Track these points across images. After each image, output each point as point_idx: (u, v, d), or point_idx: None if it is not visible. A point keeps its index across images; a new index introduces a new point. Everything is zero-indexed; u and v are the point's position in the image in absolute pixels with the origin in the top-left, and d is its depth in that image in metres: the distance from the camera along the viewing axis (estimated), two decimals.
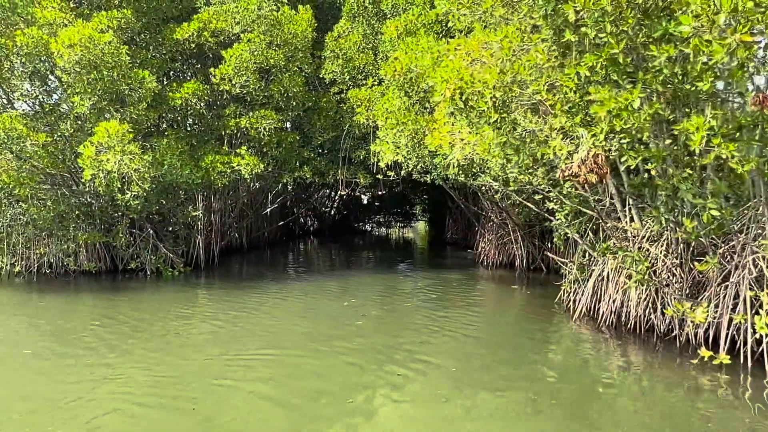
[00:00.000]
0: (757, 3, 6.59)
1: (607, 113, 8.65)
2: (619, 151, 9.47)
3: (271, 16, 20.37)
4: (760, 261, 9.23)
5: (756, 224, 9.46)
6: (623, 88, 8.71)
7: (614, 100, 8.52)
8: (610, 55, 8.65)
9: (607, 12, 8.51)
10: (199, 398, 8.19)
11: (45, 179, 19.32)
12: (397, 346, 11.41)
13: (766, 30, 6.81)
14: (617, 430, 7.20)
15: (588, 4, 8.62)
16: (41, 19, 18.19)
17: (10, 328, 13.13)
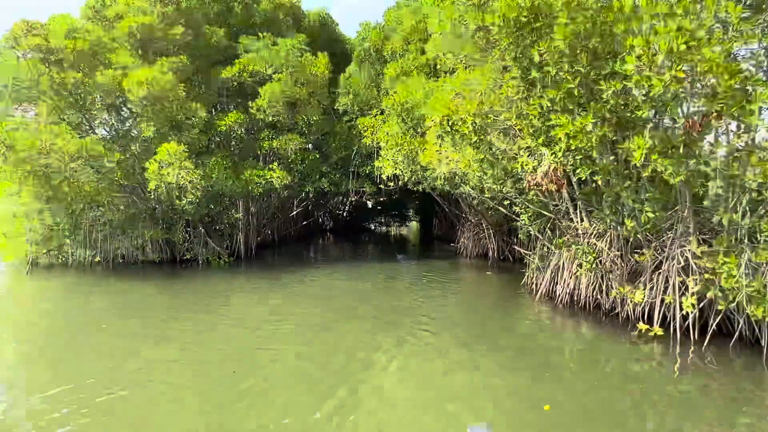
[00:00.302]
0: (688, 46, 6.35)
1: (565, 135, 8.44)
2: (573, 166, 9.26)
3: (296, 60, 20.27)
4: (687, 253, 8.99)
5: (682, 224, 9.21)
6: (578, 116, 8.49)
7: (571, 125, 8.31)
8: (568, 90, 8.44)
9: (565, 54, 8.28)
10: (241, 356, 8.60)
11: (119, 189, 19.10)
12: (397, 316, 11.60)
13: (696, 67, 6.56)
14: (570, 383, 7.45)
15: (550, 48, 8.40)
16: (116, 63, 17.98)
17: (93, 303, 13.25)
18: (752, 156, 7.38)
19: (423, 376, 7.97)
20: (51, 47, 17.87)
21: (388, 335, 10.20)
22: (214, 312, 12.24)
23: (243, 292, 14.96)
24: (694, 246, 8.32)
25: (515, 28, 9.08)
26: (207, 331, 10.47)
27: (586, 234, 11.70)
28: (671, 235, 9.86)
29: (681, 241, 9.21)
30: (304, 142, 21.20)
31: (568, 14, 7.92)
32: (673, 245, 9.42)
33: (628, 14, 7.21)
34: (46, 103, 17.62)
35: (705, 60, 6.40)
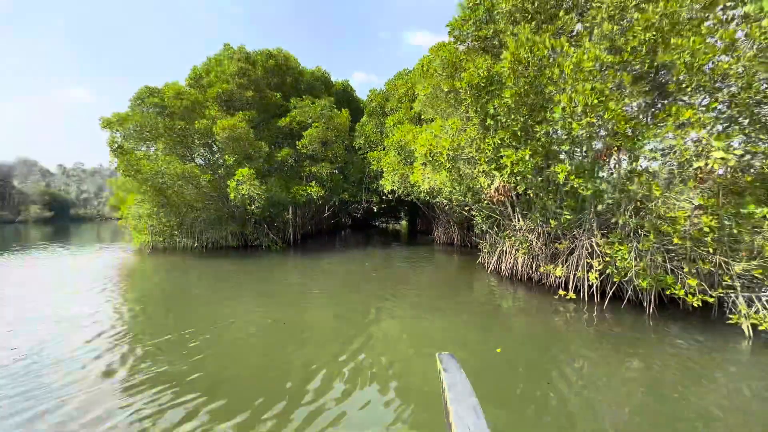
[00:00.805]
0: (599, 101, 5.98)
1: (510, 163, 8.05)
2: (514, 183, 8.87)
3: (327, 114, 19.88)
4: (593, 243, 8.62)
5: (587, 223, 8.85)
6: (519, 149, 8.11)
7: (514, 156, 7.92)
8: (512, 132, 8.06)
9: (511, 107, 7.91)
10: (290, 314, 8.24)
11: (210, 198, 18.72)
12: (391, 285, 11.11)
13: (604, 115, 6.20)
14: (510, 331, 7.17)
15: (500, 104, 8.04)
16: (208, 115, 17.63)
17: (192, 274, 12.89)
18: (640, 177, 7.03)
19: (409, 320, 7.83)
20: (164, 104, 17.56)
21: (387, 293, 10.02)
22: (272, 280, 12.01)
23: (292, 267, 14.56)
24: (597, 238, 7.96)
25: (476, 90, 8.75)
26: (267, 294, 10.22)
27: (521, 230, 11.34)
28: (580, 231, 9.53)
29: (588, 234, 8.85)
30: (332, 168, 20.80)
31: (513, 80, 7.57)
32: (582, 238, 9.06)
33: (556, 79, 6.86)
34: (162, 141, 17.26)
35: (610, 110, 6.06)
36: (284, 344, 6.47)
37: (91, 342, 6.42)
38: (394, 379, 5.30)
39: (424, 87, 11.64)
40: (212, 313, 8.14)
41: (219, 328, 7.09)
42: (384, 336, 6.97)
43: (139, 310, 8.37)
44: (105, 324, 7.34)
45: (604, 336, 6.88)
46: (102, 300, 9.19)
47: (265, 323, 7.58)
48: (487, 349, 6.28)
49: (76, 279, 11.77)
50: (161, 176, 16.17)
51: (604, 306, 8.31)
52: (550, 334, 6.95)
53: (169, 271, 13.64)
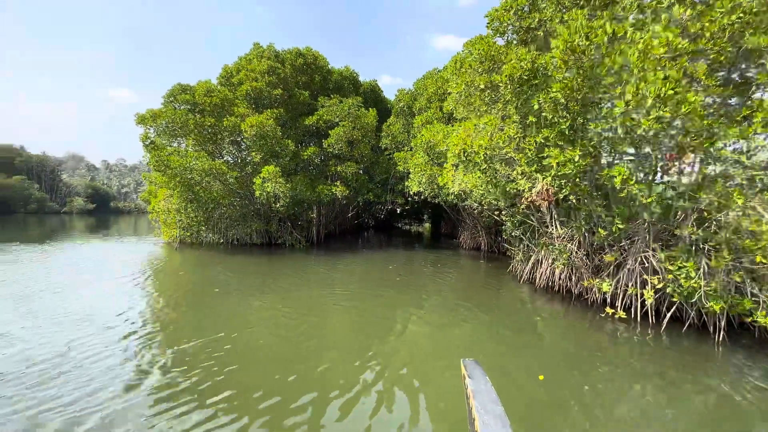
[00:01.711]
0: (674, 92, 5.01)
1: (556, 164, 7.11)
2: (558, 187, 7.91)
3: (354, 113, 19.33)
4: (650, 257, 7.53)
5: (642, 234, 7.76)
6: (566, 149, 7.17)
7: (561, 156, 6.98)
8: (559, 130, 7.11)
9: (558, 103, 6.98)
10: (312, 307, 8.31)
11: (237, 195, 18.58)
12: (415, 290, 10.39)
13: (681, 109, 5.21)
14: (550, 352, 6.20)
15: (547, 100, 7.12)
16: (237, 113, 17.47)
17: (218, 269, 12.63)
18: (716, 184, 5.96)
19: (435, 331, 7.14)
20: (196, 101, 17.54)
21: (412, 299, 9.34)
22: (295, 277, 11.68)
23: (315, 265, 14.07)
24: (659, 252, 6.88)
25: (517, 84, 7.86)
26: (291, 289, 9.91)
27: (559, 238, 10.30)
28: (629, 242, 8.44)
29: (642, 247, 7.76)
30: (358, 168, 20.24)
31: (563, 72, 6.66)
32: (634, 250, 7.97)
33: (617, 70, 5.90)
34: (192, 137, 17.24)
35: (687, 103, 5.06)
36: (308, 352, 5.95)
37: (122, 342, 6.11)
38: (418, 394, 4.76)
39: (457, 84, 10.81)
40: (238, 314, 7.80)
41: (244, 334, 6.66)
42: (408, 348, 6.32)
43: (168, 309, 8.10)
44: (137, 323, 7.04)
45: (664, 364, 5.87)
46: (135, 295, 8.99)
47: (289, 326, 7.17)
48: (524, 371, 5.42)
49: (111, 272, 11.73)
50: (189, 172, 16.10)
51: (661, 328, 7.22)
52: (598, 358, 5.99)
53: (196, 267, 13.44)
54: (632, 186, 6.20)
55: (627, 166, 6.35)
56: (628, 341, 6.86)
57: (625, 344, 6.73)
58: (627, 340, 6.90)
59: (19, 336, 6.19)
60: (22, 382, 4.72)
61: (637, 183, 6.16)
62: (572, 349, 6.37)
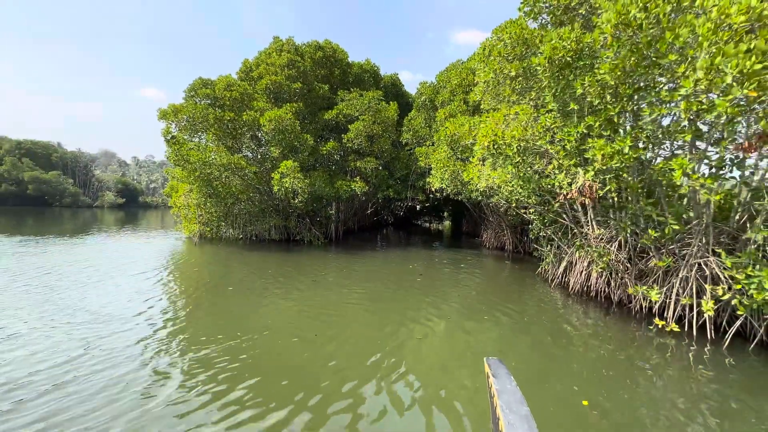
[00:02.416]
0: (764, 66, 4.13)
1: (602, 156, 6.27)
2: (603, 183, 7.04)
3: (375, 107, 18.72)
4: (711, 263, 6.58)
5: (700, 236, 6.80)
6: (615, 140, 6.32)
7: (609, 147, 6.13)
8: (607, 117, 6.26)
9: (608, 85, 6.13)
10: (332, 308, 7.95)
11: (256, 191, 18.37)
12: (437, 293, 9.70)
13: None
14: (592, 368, 5.41)
15: (592, 83, 6.28)
16: (256, 107, 17.19)
17: (236, 269, 12.20)
18: None
19: (459, 339, 6.49)
20: (216, 96, 17.39)
21: (433, 302, 8.67)
22: (314, 275, 11.28)
23: (333, 263, 13.62)
24: (725, 258, 5.93)
25: (558, 68, 7.02)
26: (309, 288, 9.55)
27: (597, 239, 9.38)
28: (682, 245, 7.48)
29: (700, 251, 6.80)
30: (378, 163, 19.63)
31: (615, 50, 5.81)
32: (691, 254, 7.01)
33: (681, 45, 5.02)
34: (211, 132, 17.11)
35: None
36: (329, 357, 5.52)
37: (138, 345, 5.78)
38: (444, 405, 4.30)
39: (485, 72, 10.00)
40: (255, 315, 7.43)
41: (263, 338, 6.24)
42: (433, 354, 5.76)
43: (185, 308, 7.80)
44: (154, 323, 6.72)
45: (730, 387, 5.00)
46: (153, 294, 8.70)
47: (308, 328, 6.77)
48: (562, 387, 4.70)
49: (132, 268, 11.58)
50: (208, 166, 15.94)
51: (723, 345, 6.28)
52: (648, 377, 5.19)
53: (215, 263, 13.23)
54: (695, 181, 5.32)
55: (689, 159, 5.45)
56: (682, 358, 5.98)
57: (678, 362, 5.86)
58: (681, 357, 6.02)
59: (32, 337, 5.95)
60: (35, 390, 4.39)
61: (703, 177, 5.27)
62: (616, 364, 5.58)
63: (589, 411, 4.31)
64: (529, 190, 8.59)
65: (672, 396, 4.72)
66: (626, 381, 5.11)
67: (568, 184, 7.30)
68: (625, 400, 4.58)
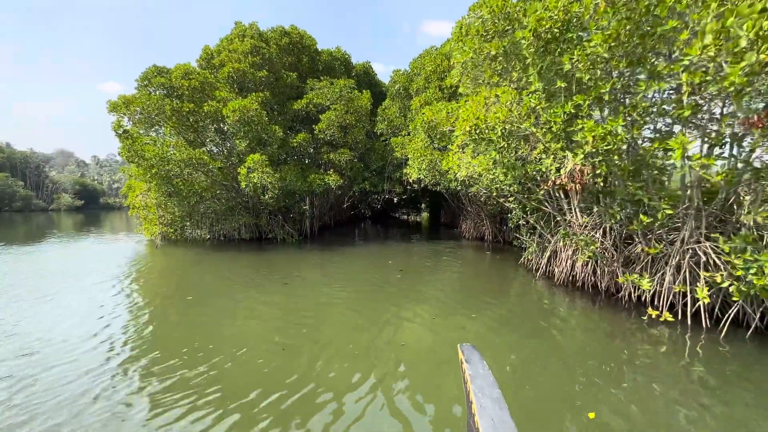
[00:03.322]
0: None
1: (593, 138, 5.73)
2: (593, 167, 6.54)
3: (347, 95, 17.74)
4: (706, 248, 6.23)
5: (692, 221, 6.45)
6: (605, 120, 5.79)
7: (600, 128, 5.59)
8: (597, 95, 5.71)
9: (598, 59, 5.56)
10: (309, 311, 7.31)
11: (222, 187, 17.06)
12: (418, 288, 9.10)
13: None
14: (586, 367, 4.93)
15: (582, 57, 5.69)
16: (217, 97, 15.85)
17: (202, 273, 11.03)
18: None
19: (447, 327, 6.14)
20: (173, 85, 15.88)
21: (415, 296, 8.15)
22: (288, 275, 10.45)
23: (309, 261, 12.74)
24: (721, 243, 5.56)
25: (543, 42, 6.42)
26: (283, 290, 8.73)
27: (582, 227, 9.00)
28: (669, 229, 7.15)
29: (693, 236, 6.45)
30: (352, 155, 18.71)
31: (608, 19, 5.23)
32: (682, 239, 6.66)
33: (683, 7, 4.48)
34: (169, 125, 15.63)
35: None
36: (309, 363, 4.96)
37: (95, 373, 4.79)
38: (429, 406, 3.92)
39: (463, 52, 9.32)
40: (226, 323, 6.70)
41: (236, 349, 5.51)
42: (412, 358, 5.18)
43: (153, 322, 6.79)
44: (113, 346, 5.65)
45: (737, 377, 4.65)
46: (109, 309, 7.49)
47: (285, 333, 6.18)
48: (555, 391, 4.17)
49: (86, 278, 10.21)
50: (167, 163, 14.54)
51: (721, 335, 5.96)
52: (647, 374, 4.75)
53: (182, 267, 12.03)
54: (697, 161, 4.86)
55: (688, 137, 4.99)
56: (678, 349, 5.60)
57: (674, 353, 5.48)
58: (677, 348, 5.64)
59: None
60: None
61: (706, 158, 4.82)
62: (610, 358, 5.14)
63: (585, 413, 3.77)
64: (514, 178, 8.03)
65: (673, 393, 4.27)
66: (622, 376, 4.67)
67: (556, 170, 6.77)
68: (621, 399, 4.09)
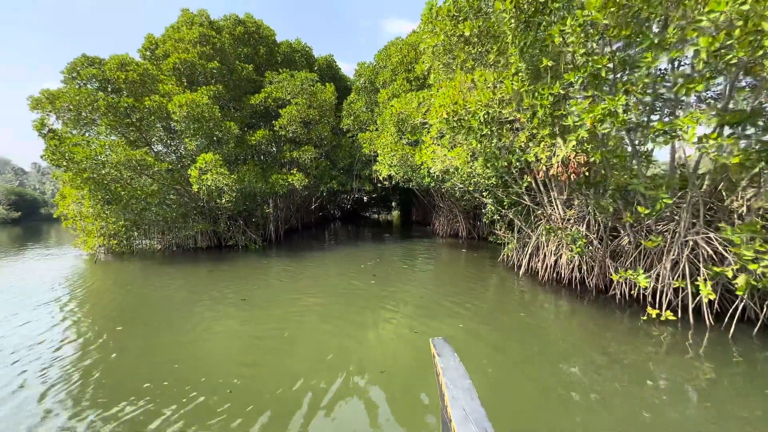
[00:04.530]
0: None
1: (591, 121, 4.98)
2: (585, 153, 5.84)
3: (309, 88, 16.42)
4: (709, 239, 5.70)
5: (688, 210, 5.93)
6: (601, 99, 5.06)
7: (598, 109, 4.83)
8: (594, 71, 4.95)
9: (593, 31, 4.80)
10: (276, 325, 6.50)
11: (174, 192, 15.21)
12: (394, 289, 8.35)
13: None
14: (585, 376, 4.36)
15: (573, 29, 4.91)
16: (162, 90, 14.03)
17: (149, 287, 9.47)
18: None
19: (428, 334, 5.25)
20: (107, 77, 13.86)
21: (391, 302, 7.24)
22: (253, 286, 9.36)
23: (274, 269, 11.40)
24: (728, 232, 5.00)
25: (528, 15, 5.62)
26: (245, 305, 7.56)
27: (566, 221, 8.41)
28: (685, 220, 6.65)
29: (690, 226, 5.93)
30: (317, 153, 17.44)
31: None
32: (678, 231, 6.13)
33: None
34: (103, 122, 13.60)
35: None
36: (284, 389, 3.89)
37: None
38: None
39: (434, 35, 8.42)
40: (184, 348, 5.60)
41: (200, 387, 4.37)
42: (397, 368, 4.63)
43: (92, 355, 5.40)
44: (46, 399, 4.18)
45: (734, 372, 4.08)
46: (41, 347, 5.76)
47: (253, 352, 5.38)
48: (556, 403, 3.37)
49: (8, 307, 8.20)
50: (102, 166, 12.59)
51: (730, 334, 5.45)
52: (652, 379, 4.09)
53: (125, 285, 10.25)
54: (714, 141, 4.22)
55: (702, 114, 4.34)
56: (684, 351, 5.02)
57: (681, 355, 4.89)
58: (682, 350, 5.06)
59: None
60: None
61: (722, 137, 4.19)
62: (612, 365, 4.45)
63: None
64: (496, 170, 7.22)
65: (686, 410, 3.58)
66: (628, 387, 3.96)
67: (547, 158, 6.02)
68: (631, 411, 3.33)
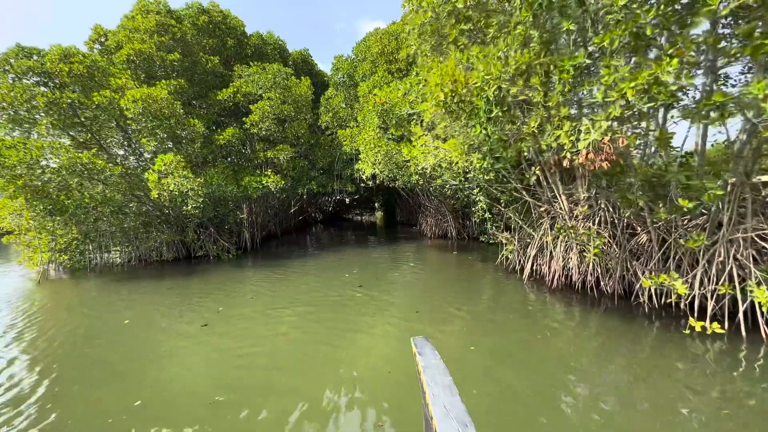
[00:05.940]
0: None
1: (632, 91, 3.92)
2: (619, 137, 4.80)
3: (283, 82, 14.98)
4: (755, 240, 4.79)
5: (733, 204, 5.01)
6: (646, 65, 4.01)
7: (645, 75, 3.78)
8: (636, 29, 3.90)
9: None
10: (254, 347, 5.61)
11: (132, 198, 13.45)
12: (383, 300, 7.52)
13: None
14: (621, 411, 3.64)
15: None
16: (114, 85, 12.30)
17: (107, 309, 7.98)
18: None
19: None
20: (47, 70, 12.01)
21: (383, 320, 6.07)
22: (225, 302, 8.06)
23: (250, 281, 9.99)
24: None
25: None
26: (220, 322, 6.82)
27: (577, 217, 7.45)
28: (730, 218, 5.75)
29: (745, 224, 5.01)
30: (294, 152, 16.01)
31: None
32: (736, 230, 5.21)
33: None
34: (44, 122, 11.76)
35: None
36: None
37: None
38: None
39: (421, 11, 7.29)
40: (155, 379, 4.77)
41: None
42: (390, 401, 3.57)
43: (44, 397, 4.35)
44: None
45: None
46: None
47: (228, 386, 4.55)
48: None
49: None
50: (41, 171, 10.79)
51: None
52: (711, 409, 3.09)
53: (81, 305, 8.65)
54: None
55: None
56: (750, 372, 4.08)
57: (747, 380, 3.94)
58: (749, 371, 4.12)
59: None
60: None
61: None
62: (665, 404, 3.43)
63: None
64: (505, 161, 6.11)
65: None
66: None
67: (572, 144, 4.97)
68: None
